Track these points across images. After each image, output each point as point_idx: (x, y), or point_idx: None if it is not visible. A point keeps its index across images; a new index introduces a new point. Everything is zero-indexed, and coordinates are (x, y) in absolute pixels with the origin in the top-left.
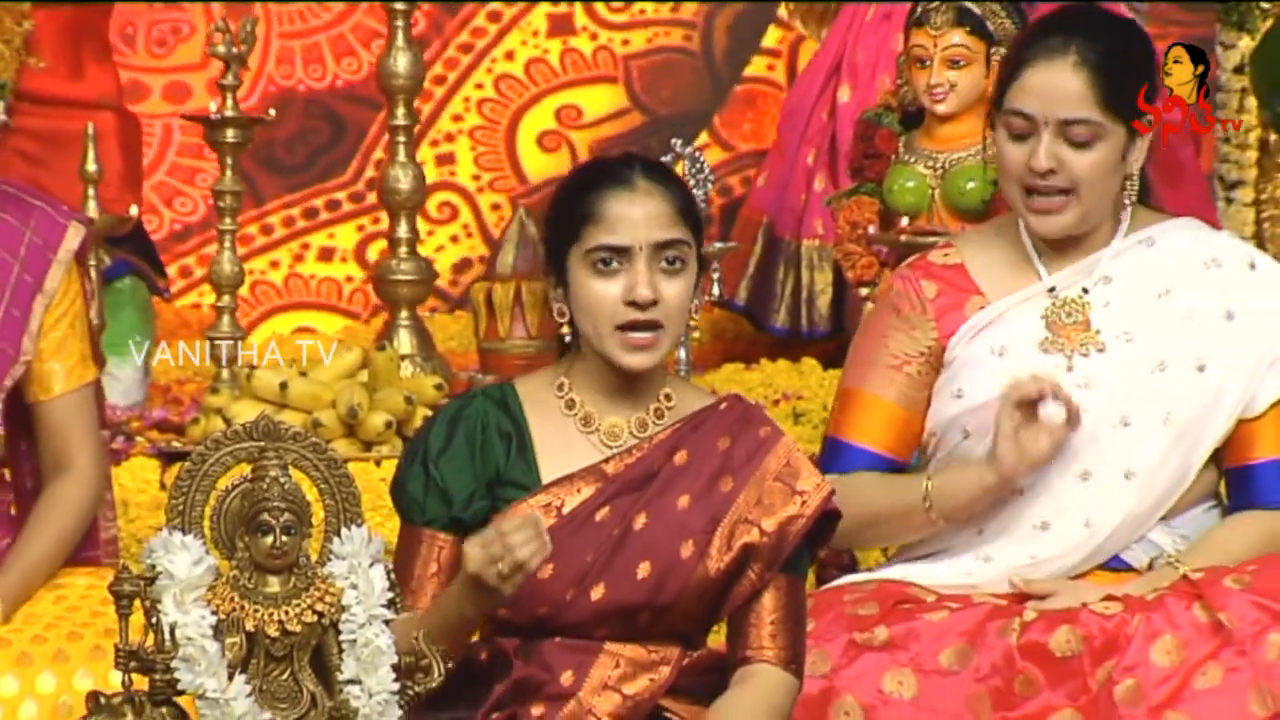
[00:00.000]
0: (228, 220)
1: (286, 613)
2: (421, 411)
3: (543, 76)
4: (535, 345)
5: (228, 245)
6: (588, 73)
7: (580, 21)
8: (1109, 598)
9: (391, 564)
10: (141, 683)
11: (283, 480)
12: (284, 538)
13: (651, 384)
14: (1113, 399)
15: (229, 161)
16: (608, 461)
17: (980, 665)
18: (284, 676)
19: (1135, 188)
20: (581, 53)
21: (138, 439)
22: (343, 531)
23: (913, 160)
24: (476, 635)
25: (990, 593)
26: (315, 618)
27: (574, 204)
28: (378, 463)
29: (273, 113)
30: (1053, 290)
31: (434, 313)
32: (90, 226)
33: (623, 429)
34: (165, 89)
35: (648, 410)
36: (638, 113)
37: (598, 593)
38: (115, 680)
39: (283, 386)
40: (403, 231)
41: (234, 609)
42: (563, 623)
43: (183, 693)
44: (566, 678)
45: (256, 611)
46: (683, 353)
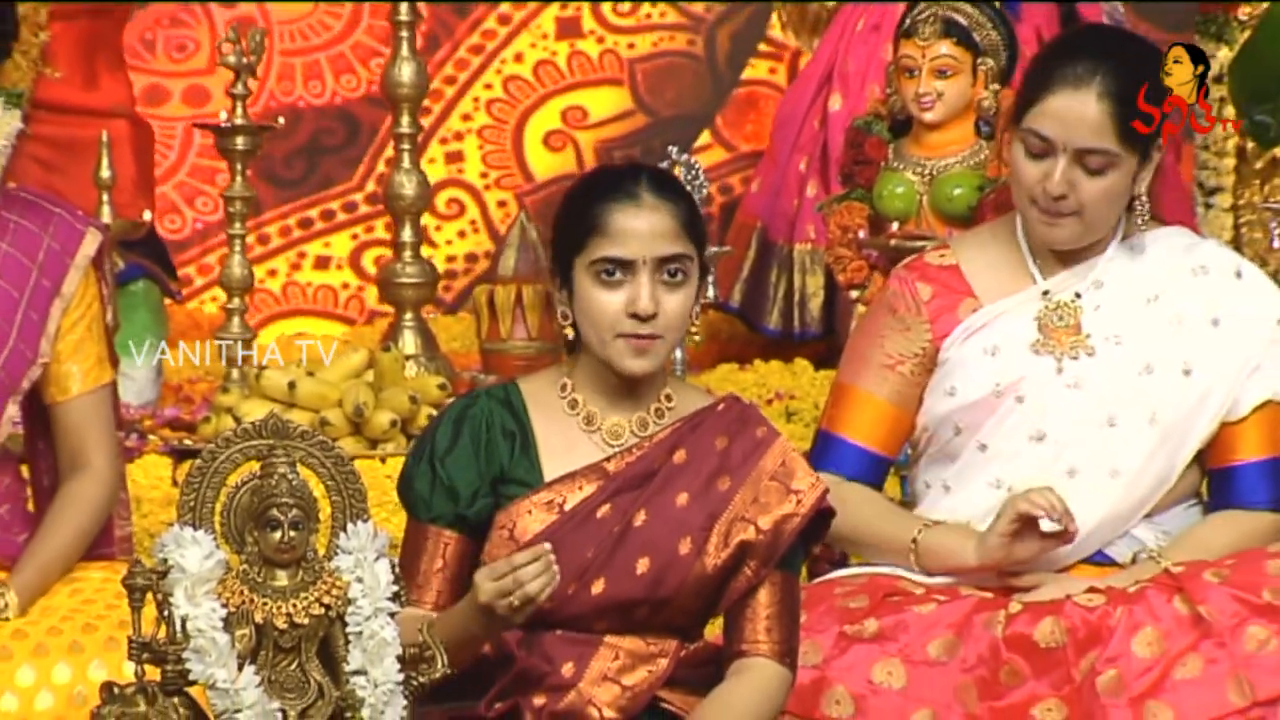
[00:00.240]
0: (237, 225)
1: (294, 605)
2: (426, 410)
3: (550, 78)
4: (536, 346)
5: (238, 249)
6: (594, 75)
7: (588, 25)
8: (1092, 590)
9: (397, 559)
10: (154, 673)
11: (291, 477)
12: (292, 533)
13: (652, 385)
14: (1100, 400)
15: (239, 168)
16: (609, 460)
17: (967, 656)
18: (292, 667)
19: (1145, 207)
20: (588, 55)
21: (150, 437)
22: (349, 527)
23: (901, 167)
24: None
25: (977, 586)
26: (322, 610)
27: (581, 214)
28: (383, 460)
29: (281, 120)
30: (1046, 294)
31: (431, 316)
32: (107, 233)
33: (624, 428)
34: (185, 93)
35: (648, 410)
36: (642, 114)
37: (598, 587)
38: (129, 671)
39: (291, 386)
40: (407, 236)
41: (243, 602)
42: (564, 616)
43: (194, 683)
44: (567, 669)
45: (265, 604)
46: (679, 353)
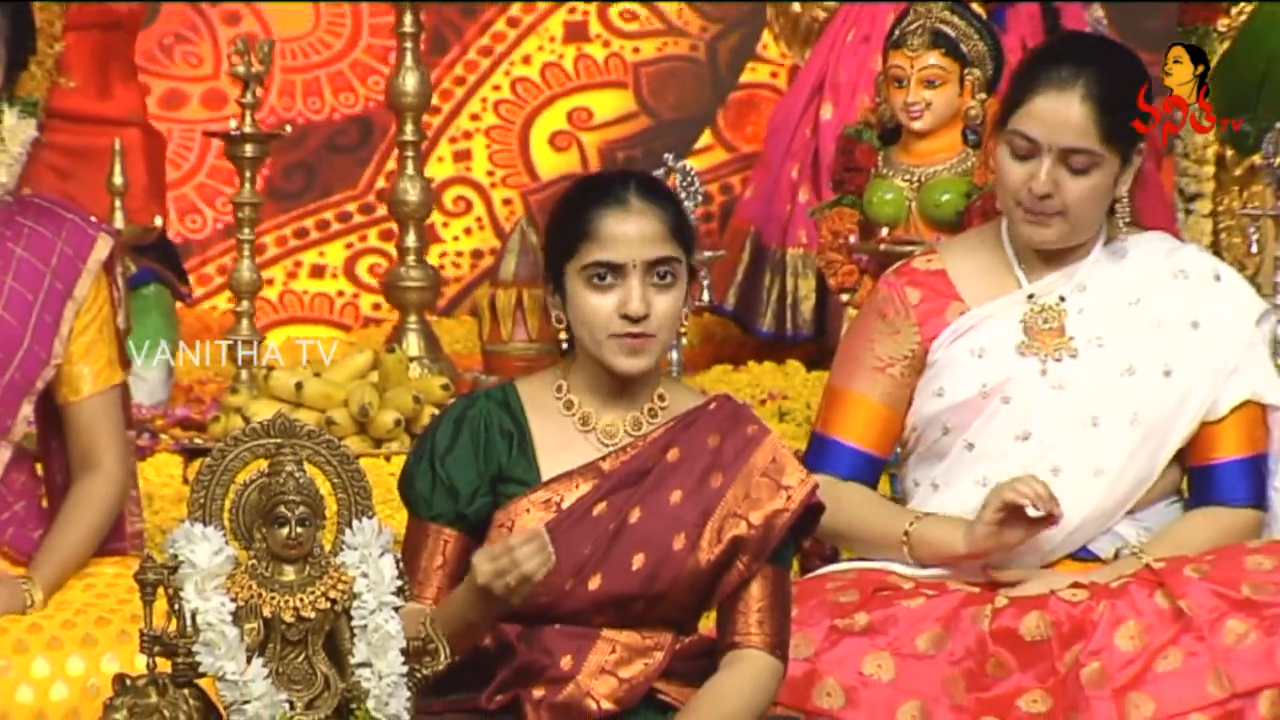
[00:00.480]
0: (246, 230)
1: (301, 600)
2: (429, 410)
3: (557, 80)
4: (536, 348)
5: (246, 254)
6: (599, 78)
7: (594, 29)
8: (1076, 585)
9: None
10: (165, 666)
11: (298, 475)
12: (299, 529)
13: (645, 385)
14: (1084, 401)
15: (248, 175)
16: (604, 459)
17: (955, 649)
18: (299, 660)
19: (1126, 210)
20: (594, 59)
21: (162, 436)
22: (354, 523)
23: (891, 174)
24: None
25: (964, 581)
26: (328, 604)
27: (572, 220)
28: (387, 458)
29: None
30: (1031, 297)
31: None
32: (118, 237)
33: (618, 428)
34: (203, 96)
35: (642, 410)
36: (645, 116)
37: (595, 583)
38: (140, 663)
39: (298, 387)
40: (411, 241)
41: (252, 596)
42: (562, 611)
43: (204, 675)
44: (566, 662)
45: (273, 599)
46: (674, 355)
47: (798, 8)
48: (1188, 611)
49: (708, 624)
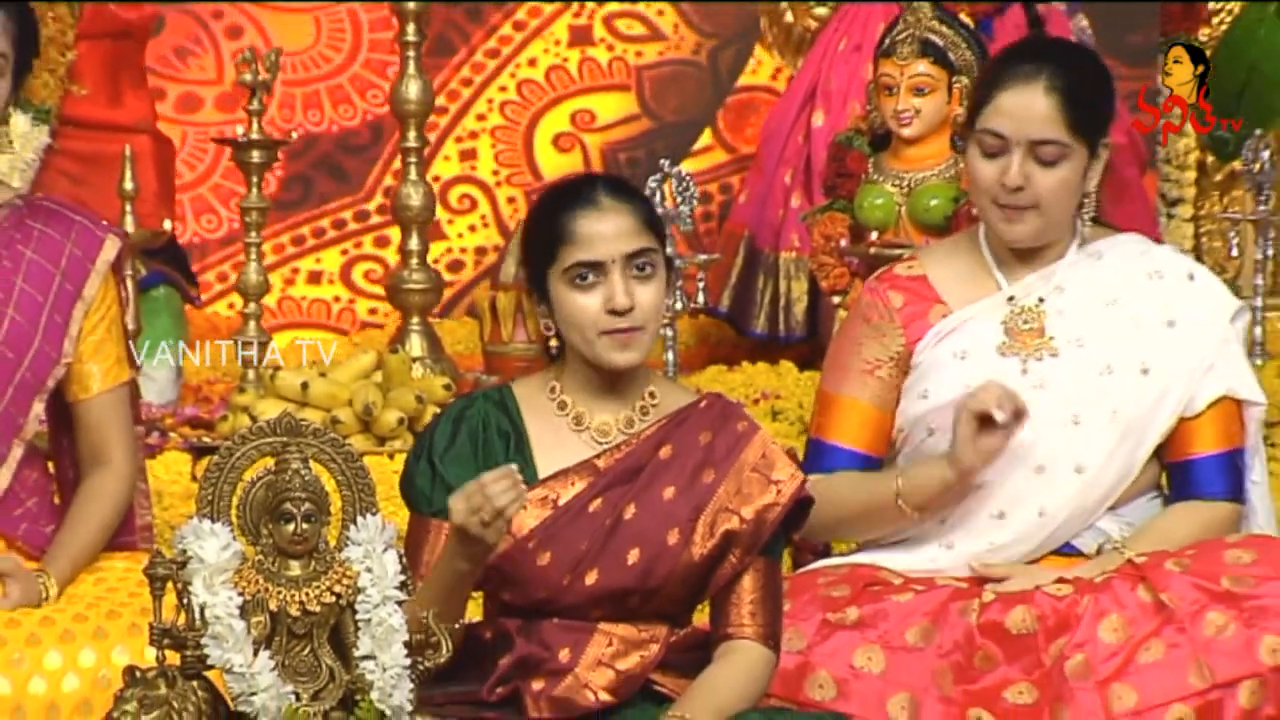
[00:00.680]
0: (254, 234)
1: (307, 594)
2: (431, 409)
3: (561, 82)
4: (535, 349)
5: (254, 257)
6: (603, 80)
7: (599, 34)
8: (1060, 580)
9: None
10: (174, 658)
11: (304, 472)
12: (304, 525)
13: (636, 383)
14: (1064, 400)
15: (255, 180)
16: (599, 457)
17: (943, 642)
18: (305, 652)
19: (1093, 205)
20: (598, 62)
21: (171, 434)
22: (359, 519)
23: (881, 179)
24: (480, 615)
25: (952, 576)
26: (333, 598)
27: (547, 227)
28: (391, 456)
29: (295, 135)
30: (1011, 299)
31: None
32: (126, 239)
33: (611, 426)
34: (217, 100)
35: (634, 408)
36: (646, 119)
37: (592, 578)
38: (150, 656)
39: (304, 386)
40: (414, 244)
41: (259, 590)
42: (560, 605)
43: (212, 667)
44: (564, 655)
45: (279, 593)
46: (670, 355)
47: (790, 17)
48: (1169, 604)
49: (702, 617)
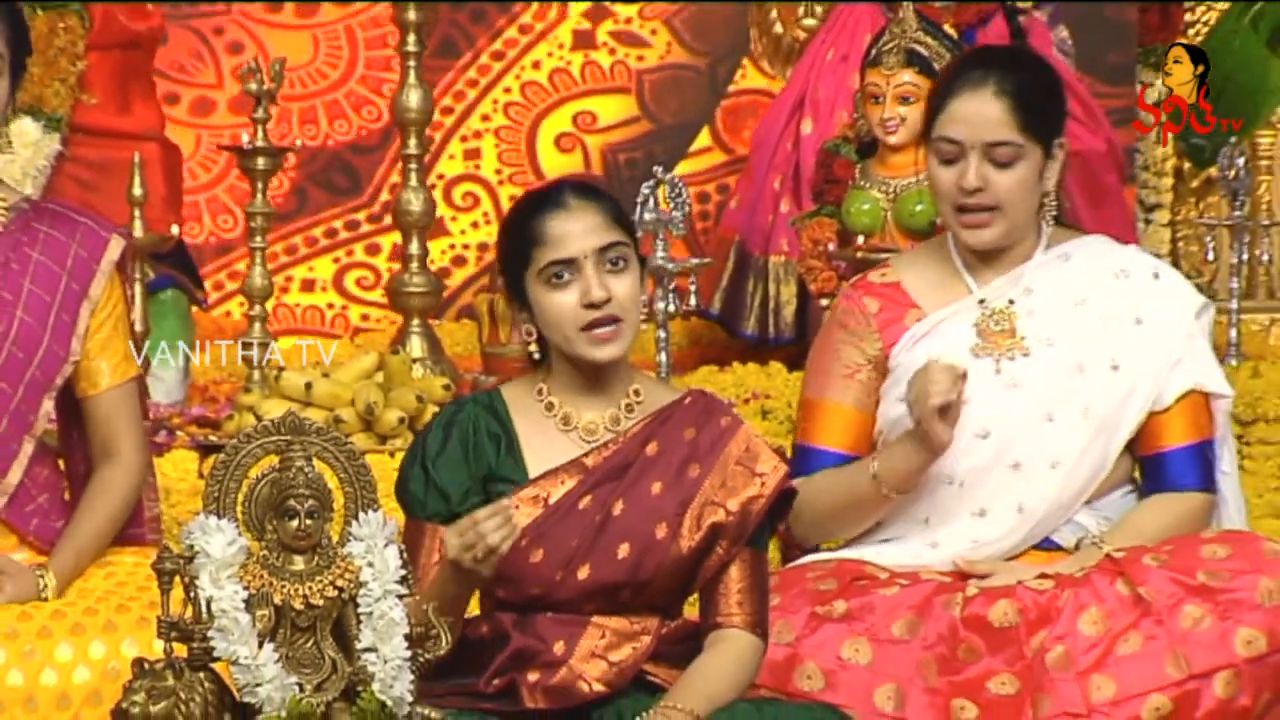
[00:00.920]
0: (259, 239)
1: (310, 588)
2: (431, 409)
3: (564, 85)
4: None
5: (259, 261)
6: (605, 84)
7: (601, 38)
8: (1042, 575)
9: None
10: (182, 650)
11: (307, 470)
12: (308, 521)
13: (621, 382)
14: (1037, 398)
15: (260, 186)
16: (587, 455)
17: (928, 635)
18: (308, 645)
19: (1054, 205)
20: (600, 65)
21: (179, 433)
22: (360, 516)
23: (868, 186)
24: (478, 610)
25: (937, 570)
26: (336, 593)
27: (519, 233)
28: (392, 455)
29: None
30: (982, 302)
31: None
32: (129, 239)
33: (598, 424)
34: (230, 103)
35: (620, 406)
36: (646, 121)
37: (584, 573)
38: (159, 648)
39: (308, 387)
40: (414, 249)
41: (263, 585)
42: (554, 600)
43: (218, 659)
44: (558, 648)
45: (283, 587)
46: (663, 356)
47: (780, 29)
48: (1147, 598)
49: (692, 609)
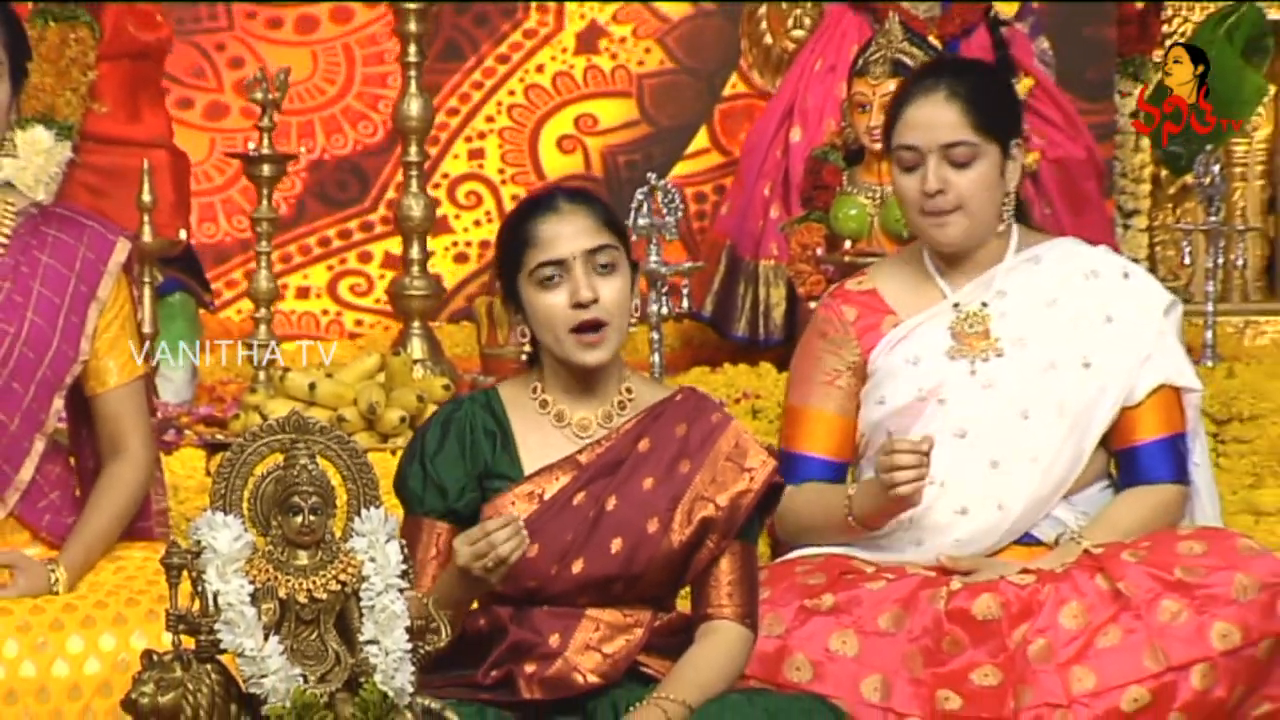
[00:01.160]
0: (264, 243)
1: (314, 582)
2: (431, 408)
3: (567, 88)
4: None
5: (264, 265)
6: (606, 87)
7: (603, 43)
8: (1024, 571)
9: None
10: (189, 642)
11: (311, 468)
12: (312, 517)
13: (611, 380)
14: (1012, 397)
15: (265, 193)
16: (581, 452)
17: (913, 627)
18: (312, 637)
19: (1012, 201)
20: (602, 69)
21: (187, 432)
22: (363, 512)
23: (855, 192)
24: (475, 604)
25: (922, 565)
26: (339, 587)
27: (513, 236)
28: (393, 453)
29: (304, 149)
30: (957, 306)
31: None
32: (136, 242)
33: (591, 422)
34: (243, 109)
35: (611, 404)
36: (645, 124)
37: (578, 566)
38: (167, 640)
39: (311, 387)
40: (415, 253)
41: (269, 579)
42: (549, 593)
43: (224, 651)
44: (554, 640)
45: (288, 581)
46: (656, 357)
47: (769, 40)
48: (1126, 592)
49: (684, 603)
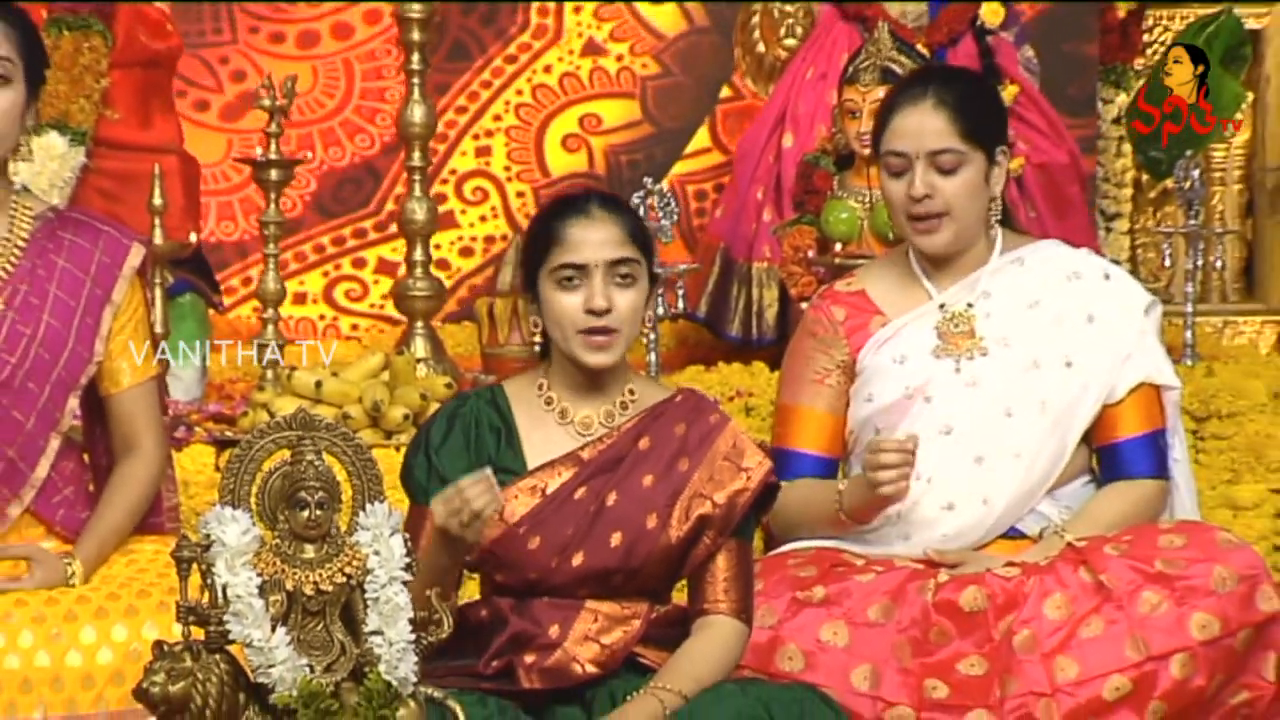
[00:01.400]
0: (272, 245)
1: (320, 575)
2: (434, 406)
3: (572, 88)
4: (528, 351)
5: (272, 266)
6: (611, 88)
7: (609, 46)
8: (1009, 564)
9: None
10: (199, 633)
11: (317, 464)
12: (318, 512)
13: (615, 380)
14: (996, 395)
15: (273, 196)
16: (583, 448)
17: (902, 619)
18: (318, 628)
19: (999, 207)
20: (607, 71)
21: (196, 429)
22: (367, 507)
23: (846, 196)
24: (477, 595)
25: (910, 558)
26: (344, 579)
27: (542, 231)
28: (397, 449)
29: (310, 154)
30: (943, 306)
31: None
32: (150, 247)
33: (594, 420)
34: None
35: (615, 403)
36: (648, 125)
37: (578, 559)
38: (177, 631)
39: (318, 385)
40: (418, 255)
41: (276, 572)
42: (549, 585)
43: (233, 642)
44: (554, 631)
45: (295, 574)
46: (652, 357)
47: (762, 48)
48: (1108, 584)
49: (681, 595)
